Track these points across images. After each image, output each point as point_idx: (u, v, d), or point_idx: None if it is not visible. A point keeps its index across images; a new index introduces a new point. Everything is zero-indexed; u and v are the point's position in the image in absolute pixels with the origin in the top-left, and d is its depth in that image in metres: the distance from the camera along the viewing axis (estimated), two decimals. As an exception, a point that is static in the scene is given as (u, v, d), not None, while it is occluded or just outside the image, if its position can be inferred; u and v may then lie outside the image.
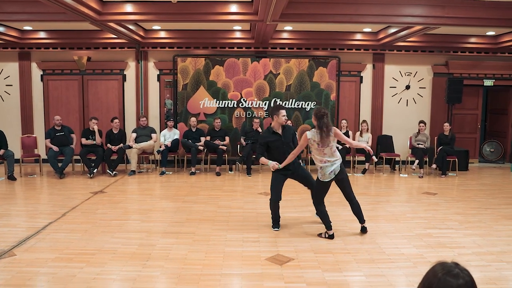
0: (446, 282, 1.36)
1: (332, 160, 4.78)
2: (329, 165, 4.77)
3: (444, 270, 1.39)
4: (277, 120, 5.15)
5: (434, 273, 1.40)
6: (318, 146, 4.76)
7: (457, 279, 1.36)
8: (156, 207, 6.47)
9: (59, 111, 10.05)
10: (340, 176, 4.84)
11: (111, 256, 4.32)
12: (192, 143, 9.27)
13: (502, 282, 3.80)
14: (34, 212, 6.13)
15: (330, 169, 4.77)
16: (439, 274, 1.39)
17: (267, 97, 10.03)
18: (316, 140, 4.74)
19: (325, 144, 4.73)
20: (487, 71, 10.61)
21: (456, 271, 1.38)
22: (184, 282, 3.72)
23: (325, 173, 4.79)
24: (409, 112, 10.65)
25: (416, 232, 5.23)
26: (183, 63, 9.92)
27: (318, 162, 4.84)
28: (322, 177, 4.83)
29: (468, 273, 1.39)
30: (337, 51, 10.23)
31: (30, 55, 10.19)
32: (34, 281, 3.72)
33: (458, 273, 1.38)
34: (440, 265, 1.42)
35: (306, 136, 4.81)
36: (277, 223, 5.31)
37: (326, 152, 4.77)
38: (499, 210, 6.37)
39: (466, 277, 1.37)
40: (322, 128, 4.71)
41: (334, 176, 4.80)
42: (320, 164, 4.81)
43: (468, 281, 1.37)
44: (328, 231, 4.95)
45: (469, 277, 1.38)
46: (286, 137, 5.23)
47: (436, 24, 7.42)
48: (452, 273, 1.38)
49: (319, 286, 3.68)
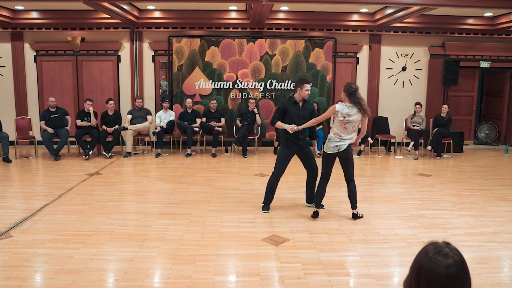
0: (436, 261, 1.38)
1: (345, 138, 4.78)
2: (337, 140, 4.78)
3: (435, 250, 1.41)
4: (300, 93, 5.16)
5: (426, 253, 1.42)
6: (344, 118, 4.72)
7: (446, 259, 1.38)
8: (152, 188, 6.49)
9: (53, 93, 9.98)
10: (344, 155, 4.83)
11: (108, 237, 4.35)
12: (188, 125, 9.25)
13: (494, 262, 3.87)
14: (30, 194, 6.13)
15: (336, 143, 4.78)
16: (430, 253, 1.41)
17: (263, 78, 9.98)
18: (343, 113, 4.71)
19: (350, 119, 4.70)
20: (484, 52, 10.58)
21: (446, 251, 1.40)
22: (180, 263, 3.76)
23: (329, 145, 4.81)
24: (405, 94, 10.64)
25: (410, 213, 5.29)
26: (178, 43, 9.82)
27: (331, 133, 4.85)
28: (325, 148, 4.86)
29: (458, 253, 1.41)
30: (334, 32, 10.15)
31: (22, 35, 10.04)
32: (31, 262, 3.75)
33: (448, 252, 1.40)
34: (432, 245, 1.45)
35: (334, 108, 4.78)
36: (268, 205, 5.32)
37: (347, 127, 4.75)
38: (492, 191, 6.44)
39: (455, 257, 1.39)
40: (356, 102, 4.67)
41: (337, 151, 4.78)
42: (332, 135, 4.83)
43: (457, 261, 1.39)
44: (317, 208, 5.02)
45: (458, 256, 1.40)
46: (304, 110, 5.23)
47: (433, 4, 7.36)
48: (442, 253, 1.40)
49: (314, 266, 3.73)
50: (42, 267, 3.66)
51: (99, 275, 3.51)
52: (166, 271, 3.63)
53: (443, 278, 1.36)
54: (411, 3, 7.43)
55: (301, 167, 5.49)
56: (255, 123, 9.63)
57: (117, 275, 3.52)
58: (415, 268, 1.43)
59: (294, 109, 5.19)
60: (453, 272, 1.37)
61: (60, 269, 3.59)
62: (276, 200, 5.45)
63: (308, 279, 3.47)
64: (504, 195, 6.20)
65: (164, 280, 3.48)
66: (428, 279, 1.38)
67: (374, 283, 3.43)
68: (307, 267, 3.70)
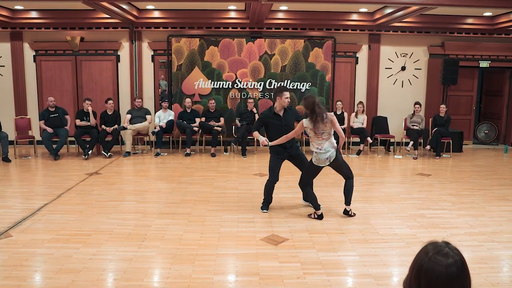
0: (436, 261, 1.38)
1: (327, 148, 4.78)
2: (323, 153, 4.78)
3: (434, 250, 1.41)
4: (279, 102, 5.07)
5: (425, 253, 1.43)
6: (314, 133, 4.76)
7: (447, 258, 1.39)
8: (151, 188, 6.49)
9: (52, 92, 9.97)
10: (335, 163, 4.85)
11: (107, 237, 4.35)
12: (187, 124, 9.25)
13: (493, 262, 3.87)
14: (29, 193, 6.13)
15: (326, 155, 4.77)
16: (430, 253, 1.41)
17: (262, 78, 9.97)
18: (312, 128, 4.74)
19: (319, 131, 4.72)
20: (483, 52, 10.57)
21: (446, 250, 1.41)
22: (179, 262, 3.76)
23: (320, 159, 4.80)
24: (404, 93, 10.64)
25: (409, 212, 5.29)
26: (178, 43, 9.81)
27: (314, 148, 4.84)
28: (316, 162, 4.84)
29: (458, 252, 1.41)
30: (333, 31, 10.14)
31: (22, 35, 10.03)
32: (31, 262, 3.75)
33: (448, 252, 1.40)
34: (431, 244, 1.45)
35: (302, 124, 4.80)
36: (267, 205, 5.32)
37: (324, 136, 4.76)
38: (491, 191, 6.44)
39: (455, 256, 1.40)
40: (314, 118, 4.68)
41: (329, 162, 4.81)
42: (316, 150, 4.81)
43: (457, 260, 1.39)
44: (317, 211, 5.00)
45: (458, 256, 1.40)
46: (286, 119, 5.15)
47: (432, 4, 7.35)
48: (442, 252, 1.40)
49: (314, 265, 3.73)
50: (41, 267, 3.66)
51: (99, 275, 3.51)
52: (165, 270, 3.63)
53: (443, 277, 1.36)
54: (410, 2, 7.42)
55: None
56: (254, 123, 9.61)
57: (117, 275, 3.52)
58: (415, 268, 1.43)
59: (276, 121, 5.11)
60: (454, 271, 1.37)
61: (60, 269, 3.59)
62: (275, 200, 5.45)
63: (307, 279, 3.47)
64: (504, 195, 6.20)
65: (163, 279, 3.48)
66: (429, 278, 1.38)
67: (373, 282, 3.43)
68: (306, 266, 3.70)
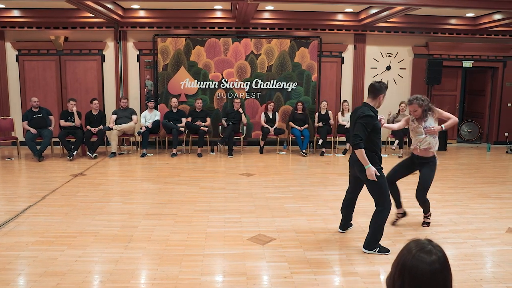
0: (420, 258, 1.40)
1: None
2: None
3: (417, 247, 1.43)
4: (379, 101, 4.17)
5: (408, 250, 1.44)
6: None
7: (430, 255, 1.40)
8: (137, 189, 6.44)
9: (36, 93, 9.83)
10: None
11: (93, 239, 4.31)
12: (173, 124, 9.20)
13: (477, 258, 3.93)
14: (12, 195, 6.03)
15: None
16: (413, 250, 1.43)
17: (248, 77, 9.97)
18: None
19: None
20: (466, 52, 10.73)
21: (429, 248, 1.42)
22: (166, 263, 3.74)
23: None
24: (390, 93, 10.67)
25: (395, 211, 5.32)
26: (163, 43, 9.76)
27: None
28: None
29: (440, 249, 1.43)
30: (319, 31, 10.19)
31: (4, 34, 9.87)
32: (14, 265, 3.69)
33: (431, 249, 1.42)
34: (414, 242, 1.46)
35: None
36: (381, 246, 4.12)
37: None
38: (475, 189, 6.54)
39: (438, 253, 1.42)
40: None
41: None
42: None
43: (440, 257, 1.41)
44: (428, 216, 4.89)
45: (441, 253, 1.42)
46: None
47: (417, 4, 7.44)
48: (425, 250, 1.42)
49: (301, 264, 3.74)
50: (25, 270, 3.61)
51: (84, 277, 3.47)
52: (152, 272, 3.60)
53: (427, 274, 1.38)
54: (395, 3, 7.50)
55: (287, 166, 5.51)
56: (241, 123, 9.62)
57: (103, 277, 3.49)
58: (399, 265, 1.45)
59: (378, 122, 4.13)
60: (437, 268, 1.39)
61: (44, 272, 3.54)
62: (262, 199, 5.46)
63: (294, 278, 3.48)
64: (486, 193, 6.30)
65: (150, 281, 3.46)
66: (412, 276, 1.40)
67: (359, 281, 3.46)
68: (293, 265, 3.71)
